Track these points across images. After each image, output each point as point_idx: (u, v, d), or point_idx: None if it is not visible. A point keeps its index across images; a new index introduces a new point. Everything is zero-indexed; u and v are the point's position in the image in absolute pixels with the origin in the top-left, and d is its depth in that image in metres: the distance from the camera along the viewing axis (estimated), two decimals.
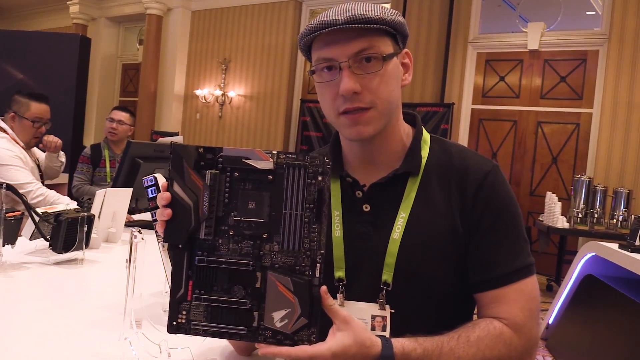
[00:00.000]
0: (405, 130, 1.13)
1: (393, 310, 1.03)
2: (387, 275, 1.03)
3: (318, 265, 0.86)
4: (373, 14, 0.98)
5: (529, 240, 1.08)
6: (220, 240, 0.87)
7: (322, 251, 0.86)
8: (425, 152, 1.11)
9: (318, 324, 0.86)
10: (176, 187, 0.87)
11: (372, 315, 1.03)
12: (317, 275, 0.86)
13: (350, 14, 0.96)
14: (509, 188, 1.08)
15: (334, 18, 0.97)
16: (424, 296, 1.04)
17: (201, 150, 0.87)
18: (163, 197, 0.87)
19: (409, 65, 1.10)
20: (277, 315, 0.86)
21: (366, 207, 1.09)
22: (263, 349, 0.85)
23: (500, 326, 0.98)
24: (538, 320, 1.04)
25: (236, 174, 0.87)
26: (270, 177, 0.87)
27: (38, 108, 3.05)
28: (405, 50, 1.08)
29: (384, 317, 1.03)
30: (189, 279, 0.87)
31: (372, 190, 1.09)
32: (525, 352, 1.00)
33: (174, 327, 0.88)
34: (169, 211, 0.86)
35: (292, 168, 0.87)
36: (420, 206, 1.06)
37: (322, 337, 0.87)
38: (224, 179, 0.87)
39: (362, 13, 0.97)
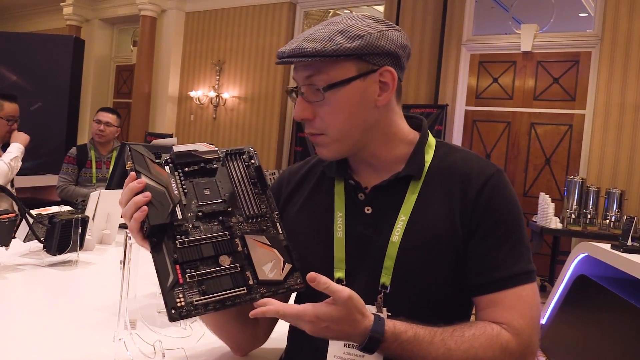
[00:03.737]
0: (410, 135, 1.13)
1: (390, 313, 1.02)
2: (385, 278, 1.03)
3: (278, 224, 1.01)
4: (311, 46, 0.98)
5: (530, 248, 1.05)
6: (191, 225, 0.95)
7: (277, 212, 1.03)
8: (429, 157, 1.10)
9: (298, 269, 0.98)
10: (145, 178, 0.94)
11: None
12: (281, 232, 1.01)
13: (293, 47, 1.00)
14: (511, 193, 1.07)
15: (282, 50, 1.03)
16: (422, 299, 1.03)
17: (152, 156, 0.99)
18: (139, 182, 0.93)
19: (387, 84, 1.04)
20: (267, 267, 0.95)
21: (368, 209, 1.09)
22: (253, 311, 0.89)
23: (498, 329, 0.97)
24: (538, 328, 1.02)
25: (186, 168, 1.01)
26: (215, 165, 1.03)
27: (10, 107, 3.29)
28: (385, 68, 1.03)
29: None
30: (176, 264, 0.90)
31: (374, 192, 1.09)
32: (522, 359, 0.98)
33: (176, 314, 0.86)
34: (148, 192, 0.92)
35: (229, 156, 1.05)
36: (421, 209, 1.05)
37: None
38: (177, 176, 1.00)
39: (301, 47, 0.99)
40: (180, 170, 1.00)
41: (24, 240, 1.88)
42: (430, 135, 1.14)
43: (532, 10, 6.61)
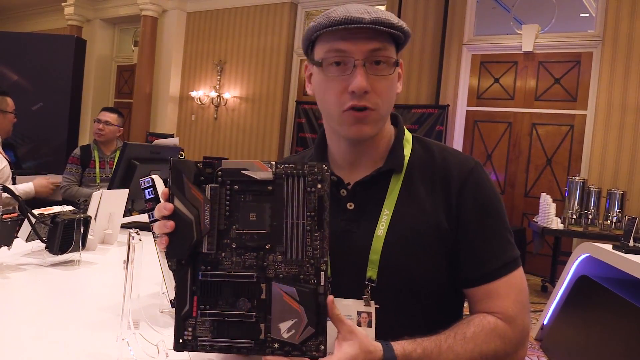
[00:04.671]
0: (390, 130, 1.16)
1: (378, 306, 1.04)
2: (371, 272, 1.05)
3: (322, 273, 0.86)
4: (395, 20, 1.01)
5: (512, 233, 1.10)
6: (223, 254, 0.87)
7: (325, 259, 0.86)
8: (407, 151, 1.13)
9: (325, 333, 0.86)
10: (177, 202, 0.87)
11: (357, 311, 1.04)
12: (322, 284, 0.86)
13: (375, 16, 0.99)
14: (492, 183, 1.11)
15: (358, 16, 0.98)
16: (408, 291, 1.05)
17: (200, 165, 0.88)
18: (166, 208, 0.86)
19: (401, 75, 1.12)
20: (284, 326, 0.85)
21: (350, 205, 1.10)
22: None
23: (494, 320, 1.01)
24: (528, 310, 1.07)
25: (236, 186, 0.88)
26: (270, 187, 0.87)
27: (11, 101, 3.37)
28: (401, 60, 1.11)
29: (369, 313, 1.04)
30: (194, 295, 0.87)
31: (356, 188, 1.11)
32: (519, 344, 1.03)
33: (180, 345, 0.87)
34: (171, 223, 0.86)
35: (291, 177, 0.88)
36: (404, 203, 1.07)
37: None
38: (224, 192, 0.88)
39: (386, 17, 1.00)
40: (229, 186, 0.88)
41: (26, 240, 1.88)
42: (406, 130, 1.17)
43: (533, 10, 6.61)
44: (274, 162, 0.88)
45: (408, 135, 1.17)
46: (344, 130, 1.06)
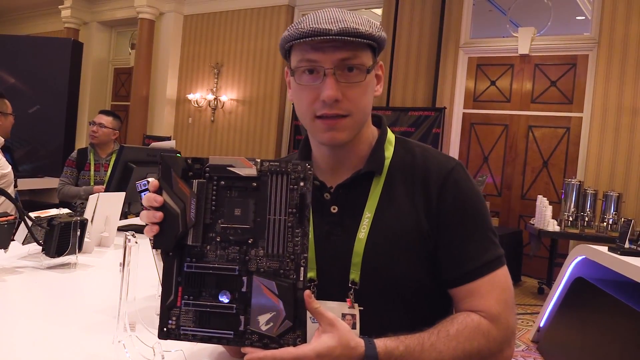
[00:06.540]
0: (372, 132, 1.16)
1: (362, 308, 1.05)
2: (354, 275, 1.06)
3: (302, 268, 0.88)
4: (363, 28, 1.01)
5: (497, 232, 1.10)
6: (208, 247, 0.90)
7: (305, 255, 0.88)
8: (389, 153, 1.14)
9: (303, 327, 0.87)
10: (165, 195, 0.90)
11: (342, 313, 1.04)
12: (301, 279, 0.88)
13: (343, 26, 0.99)
14: (473, 183, 1.11)
15: (326, 27, 0.99)
16: (391, 293, 1.06)
17: (189, 161, 0.91)
18: (156, 200, 0.89)
19: (381, 77, 1.13)
20: (263, 318, 0.88)
21: (334, 209, 1.11)
22: (249, 355, 0.87)
23: (478, 318, 1.00)
24: (514, 309, 1.06)
25: (222, 182, 0.91)
26: (255, 184, 0.90)
27: (9, 102, 3.41)
28: (380, 62, 1.11)
29: (353, 316, 1.04)
30: (179, 285, 0.90)
31: (339, 191, 1.12)
32: (504, 342, 1.02)
33: (164, 333, 0.90)
34: (160, 214, 0.89)
35: (275, 175, 0.90)
36: (385, 205, 1.08)
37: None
38: (211, 188, 0.91)
39: (353, 27, 0.99)
40: (216, 182, 0.91)
41: (23, 243, 1.87)
42: (389, 131, 1.18)
43: (529, 13, 6.63)
44: (259, 160, 0.90)
45: (391, 137, 1.17)
46: (318, 137, 1.08)
